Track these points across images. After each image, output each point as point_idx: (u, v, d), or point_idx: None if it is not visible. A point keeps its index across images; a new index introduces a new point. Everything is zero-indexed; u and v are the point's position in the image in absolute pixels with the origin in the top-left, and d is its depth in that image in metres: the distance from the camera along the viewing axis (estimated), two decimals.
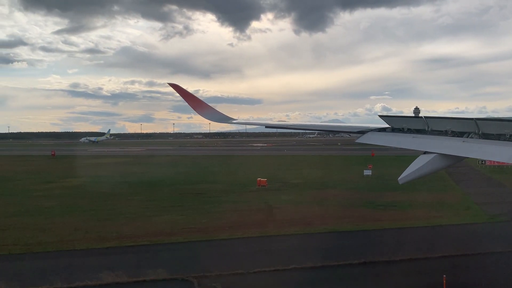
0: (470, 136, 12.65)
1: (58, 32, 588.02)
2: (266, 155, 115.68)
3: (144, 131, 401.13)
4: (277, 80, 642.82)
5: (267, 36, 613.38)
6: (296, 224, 31.39)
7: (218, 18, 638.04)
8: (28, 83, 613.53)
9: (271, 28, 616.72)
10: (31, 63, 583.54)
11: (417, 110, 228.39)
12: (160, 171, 71.51)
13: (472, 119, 12.65)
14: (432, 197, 42.33)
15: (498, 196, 42.89)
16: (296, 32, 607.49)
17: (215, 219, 33.21)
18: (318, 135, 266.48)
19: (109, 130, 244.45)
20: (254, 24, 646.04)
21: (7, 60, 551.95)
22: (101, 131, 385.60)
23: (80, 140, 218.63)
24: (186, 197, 44.45)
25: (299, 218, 33.54)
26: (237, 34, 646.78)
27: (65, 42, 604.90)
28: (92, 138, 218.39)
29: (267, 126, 26.75)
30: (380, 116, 16.34)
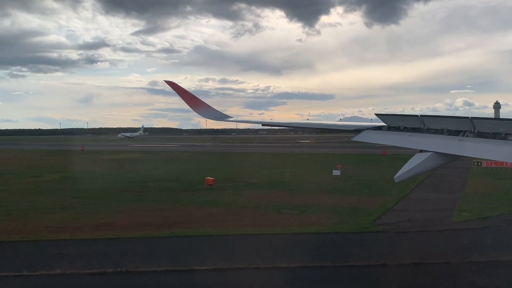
0: (465, 134, 12.63)
1: (136, 33, 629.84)
2: (275, 152, 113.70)
3: (218, 127, 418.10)
4: (349, 74, 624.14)
5: (338, 30, 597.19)
6: (157, 228, 31.00)
7: (287, 14, 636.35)
8: (111, 81, 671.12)
9: (341, 22, 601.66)
10: (113, 63, 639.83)
11: (497, 105, 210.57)
12: (150, 168, 73.80)
13: (468, 118, 12.58)
14: (358, 201, 39.77)
15: (431, 203, 38.83)
16: (368, 25, 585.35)
17: (101, 219, 33.66)
18: None
19: (143, 126, 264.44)
20: (323, 18, 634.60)
21: (92, 61, 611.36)
22: (178, 127, 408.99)
23: (118, 135, 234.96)
24: (121, 195, 45.38)
25: (181, 220, 33.04)
26: (306, 29, 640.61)
27: (143, 42, 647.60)
28: (127, 134, 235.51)
29: (263, 124, 26.75)
30: (377, 114, 16.48)
